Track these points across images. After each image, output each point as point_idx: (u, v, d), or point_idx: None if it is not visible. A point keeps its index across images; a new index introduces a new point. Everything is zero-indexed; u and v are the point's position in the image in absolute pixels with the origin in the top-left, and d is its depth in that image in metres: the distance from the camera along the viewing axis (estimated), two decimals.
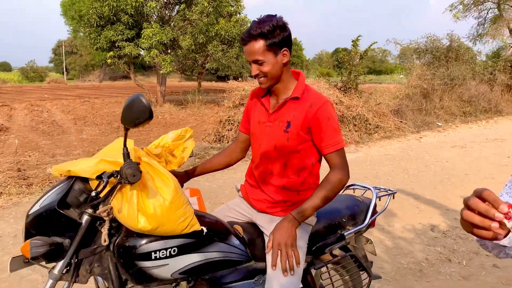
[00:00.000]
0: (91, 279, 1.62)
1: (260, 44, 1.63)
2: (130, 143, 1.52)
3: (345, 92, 9.98)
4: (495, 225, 0.73)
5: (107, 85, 37.35)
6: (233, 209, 1.99)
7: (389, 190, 2.30)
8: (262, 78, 1.71)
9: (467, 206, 0.78)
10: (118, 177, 1.43)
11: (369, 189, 2.27)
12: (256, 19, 1.67)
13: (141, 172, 1.41)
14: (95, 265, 1.58)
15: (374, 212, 2.17)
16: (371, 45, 11.46)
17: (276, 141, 1.75)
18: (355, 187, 2.37)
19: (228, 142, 7.28)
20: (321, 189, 1.69)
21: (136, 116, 1.37)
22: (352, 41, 11.30)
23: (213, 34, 14.48)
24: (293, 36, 1.74)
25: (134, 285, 1.60)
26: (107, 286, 1.62)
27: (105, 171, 1.46)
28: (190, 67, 19.45)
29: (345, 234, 2.02)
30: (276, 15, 1.67)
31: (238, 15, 16.38)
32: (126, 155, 1.46)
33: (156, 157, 1.71)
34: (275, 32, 1.62)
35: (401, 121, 9.78)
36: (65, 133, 10.44)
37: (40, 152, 7.84)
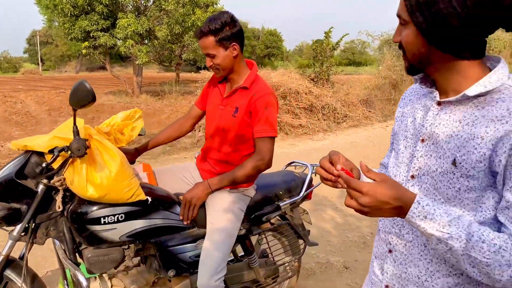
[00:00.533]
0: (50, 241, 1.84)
1: (210, 39, 1.88)
2: (80, 122, 1.74)
3: (316, 83, 10.28)
4: (334, 178, 1.00)
5: (84, 76, 36.76)
6: (187, 170, 2.22)
7: None
8: (215, 69, 1.97)
9: (320, 164, 1.05)
10: (68, 151, 1.65)
11: (307, 166, 2.54)
12: (209, 17, 1.90)
13: (86, 147, 1.63)
14: (51, 229, 1.80)
15: (310, 185, 2.43)
16: (342, 37, 11.81)
17: (225, 123, 2.00)
18: (296, 164, 2.63)
19: (199, 130, 7.49)
20: (242, 168, 1.94)
21: (81, 99, 1.59)
22: (325, 33, 11.61)
23: (190, 25, 14.51)
24: (272, 28, 2.00)
25: (86, 246, 1.82)
26: (63, 248, 1.84)
27: (57, 146, 1.67)
28: (167, 57, 19.40)
29: (281, 204, 2.28)
30: (227, 12, 1.92)
31: (214, 6, 16.43)
32: (76, 132, 1.67)
33: (105, 134, 1.93)
34: (223, 29, 1.87)
35: (369, 111, 10.17)
36: (38, 124, 10.42)
37: None
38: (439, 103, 1.01)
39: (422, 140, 1.03)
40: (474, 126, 0.91)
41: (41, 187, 1.71)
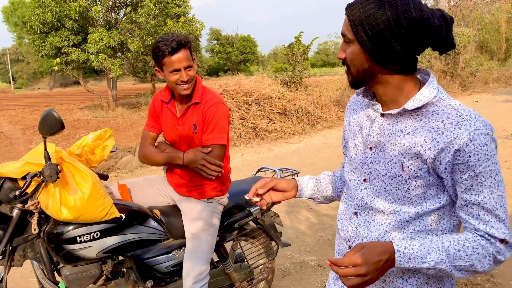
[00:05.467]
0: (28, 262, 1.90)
1: (188, 52, 1.96)
2: (51, 147, 1.82)
3: (290, 87, 10.48)
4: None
5: (58, 92, 36.09)
6: (162, 182, 2.26)
7: (294, 170, 2.71)
8: (190, 83, 1.98)
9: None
10: (41, 176, 1.72)
11: (275, 171, 2.66)
12: (167, 35, 1.93)
13: (58, 172, 1.71)
14: (28, 251, 1.87)
15: None
16: (312, 40, 12.08)
17: (188, 141, 2.09)
18: (265, 169, 2.75)
19: None
20: None
21: (50, 127, 1.68)
22: (295, 37, 11.84)
23: None
24: (246, 33, 2.12)
25: (64, 265, 1.90)
26: (41, 268, 1.91)
27: (29, 172, 1.75)
28: (141, 69, 19.32)
29: (252, 210, 2.40)
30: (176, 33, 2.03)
31: (186, 16, 16.50)
32: (47, 158, 1.75)
33: (77, 156, 2.01)
34: (190, 44, 1.99)
35: (342, 111, 10.41)
36: (13, 144, 10.26)
37: None
38: (382, 115, 1.13)
39: (371, 148, 1.15)
40: (414, 136, 1.05)
41: (16, 212, 1.78)
